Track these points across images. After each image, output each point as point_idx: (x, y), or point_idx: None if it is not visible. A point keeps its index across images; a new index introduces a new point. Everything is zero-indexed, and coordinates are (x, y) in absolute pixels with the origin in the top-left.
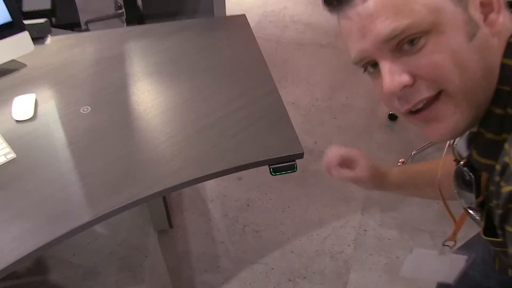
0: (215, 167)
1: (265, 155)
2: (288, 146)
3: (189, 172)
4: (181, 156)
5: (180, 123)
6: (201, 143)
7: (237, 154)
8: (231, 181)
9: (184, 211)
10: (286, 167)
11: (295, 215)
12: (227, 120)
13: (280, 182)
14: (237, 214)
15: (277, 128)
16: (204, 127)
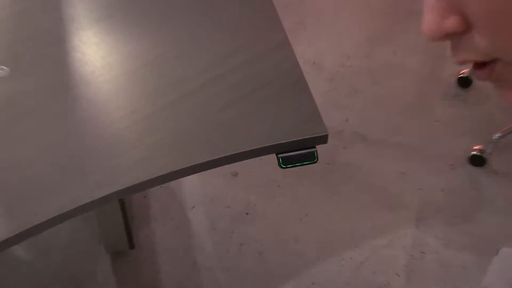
0: (198, 156)
1: (272, 139)
2: (305, 125)
3: (159, 163)
4: (147, 141)
5: (146, 92)
6: (177, 122)
7: (230, 137)
8: (222, 178)
9: (152, 223)
10: (302, 157)
11: (316, 227)
12: (216, 87)
13: (294, 179)
14: (230, 227)
15: (289, 99)
16: (181, 97)
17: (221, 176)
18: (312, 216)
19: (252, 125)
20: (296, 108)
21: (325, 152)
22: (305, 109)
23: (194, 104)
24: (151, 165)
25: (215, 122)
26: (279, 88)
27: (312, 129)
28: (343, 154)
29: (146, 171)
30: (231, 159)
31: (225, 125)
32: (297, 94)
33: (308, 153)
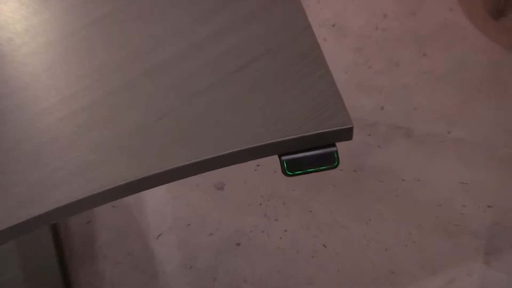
0: (165, 161)
1: (272, 134)
2: (319, 114)
3: (109, 171)
4: (92, 139)
5: (91, 67)
6: (135, 111)
7: (212, 132)
8: (202, 193)
9: (100, 260)
10: (317, 160)
11: (337, 264)
12: (192, 60)
13: (306, 193)
14: (214, 264)
15: (296, 76)
16: (142, 75)
17: (201, 190)
18: (333, 248)
19: (243, 114)
20: (306, 89)
21: (351, 154)
22: (319, 91)
23: (161, 84)
24: (97, 174)
25: (190, 111)
26: (281, 61)
27: (330, 120)
28: (377, 157)
29: (90, 183)
30: (213, 164)
31: (205, 115)
32: (308, 69)
33: (325, 154)
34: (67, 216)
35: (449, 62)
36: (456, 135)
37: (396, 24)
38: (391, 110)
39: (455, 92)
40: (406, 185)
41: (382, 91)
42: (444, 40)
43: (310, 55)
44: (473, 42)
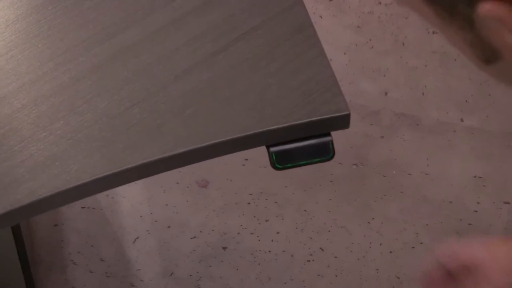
0: (139, 154)
1: (258, 122)
2: (312, 99)
3: (76, 166)
4: (57, 130)
5: (53, 51)
6: (105, 99)
7: (190, 122)
8: (184, 191)
9: (69, 267)
10: (310, 151)
11: (336, 270)
12: (168, 40)
13: (301, 190)
14: (197, 271)
15: (286, 56)
16: (113, 57)
17: (183, 188)
18: (330, 252)
19: (225, 101)
20: (297, 72)
21: (350, 146)
22: (312, 74)
23: (133, 68)
24: (62, 170)
25: (165, 98)
26: (268, 40)
27: (324, 106)
28: (380, 149)
29: (54, 180)
30: (192, 157)
31: (182, 102)
32: (299, 49)
33: (319, 145)
34: (29, 217)
35: None
36: (470, 124)
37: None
38: (396, 96)
39: (468, 74)
40: (413, 180)
41: (386, 75)
42: None
43: (301, 33)
44: None
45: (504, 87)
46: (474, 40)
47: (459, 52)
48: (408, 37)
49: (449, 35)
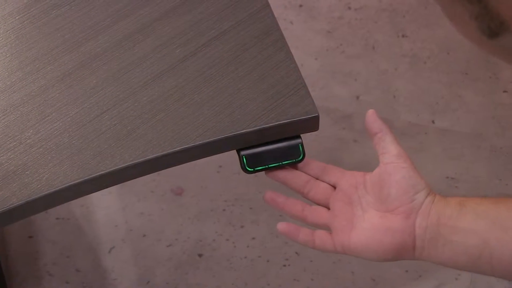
0: (109, 161)
1: (227, 127)
2: (280, 102)
3: (44, 175)
4: (23, 140)
5: (21, 61)
6: (71, 106)
7: (159, 128)
8: (159, 199)
9: (45, 279)
10: (280, 153)
11: (311, 274)
12: (137, 47)
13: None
14: (174, 278)
15: (253, 61)
16: (79, 67)
17: (157, 197)
18: (306, 255)
19: (194, 106)
20: (265, 75)
21: (323, 150)
22: (280, 77)
23: (102, 76)
24: (34, 178)
25: (135, 105)
26: (236, 45)
27: (293, 109)
28: (354, 152)
29: (25, 189)
30: (161, 163)
31: (150, 109)
32: (267, 52)
33: (289, 147)
34: (0, 226)
35: (431, 43)
36: (441, 125)
37: (370, 2)
38: (368, 99)
39: (438, 76)
40: None
41: (357, 79)
42: (425, 19)
43: (268, 37)
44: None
45: (475, 85)
46: (481, 12)
47: (429, 55)
48: (378, 41)
49: (451, 8)
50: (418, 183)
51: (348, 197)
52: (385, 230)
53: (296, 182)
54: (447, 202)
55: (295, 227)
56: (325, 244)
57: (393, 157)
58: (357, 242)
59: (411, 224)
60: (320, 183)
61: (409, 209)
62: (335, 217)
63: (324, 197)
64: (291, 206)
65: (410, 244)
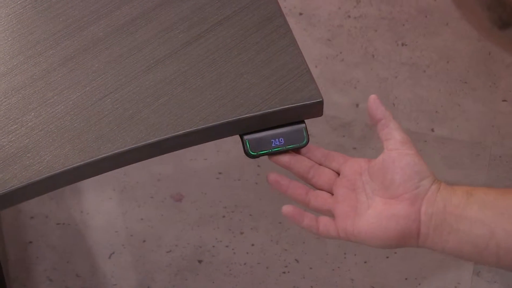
0: (111, 144)
1: (231, 111)
2: (284, 87)
3: (46, 157)
4: (24, 122)
5: (22, 45)
6: (73, 90)
7: (162, 111)
8: (158, 205)
9: (45, 283)
10: (284, 137)
11: (313, 278)
12: (140, 31)
13: (276, 201)
14: (174, 285)
15: (257, 46)
16: (81, 51)
17: (157, 203)
18: (305, 263)
19: (197, 90)
20: (269, 60)
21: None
22: (284, 62)
23: (104, 60)
24: (35, 160)
25: (137, 89)
26: (239, 30)
27: (297, 94)
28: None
29: (26, 171)
30: (164, 147)
31: (153, 92)
32: (270, 38)
33: (293, 131)
34: (1, 209)
35: (430, 51)
36: (440, 133)
37: (370, 10)
38: (367, 107)
39: (437, 85)
40: None
41: (357, 86)
42: (424, 27)
43: (271, 23)
44: (457, 29)
45: (474, 94)
46: (493, 3)
47: (428, 63)
48: (378, 49)
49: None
50: (423, 170)
51: (352, 183)
52: (390, 217)
53: (300, 167)
54: (453, 191)
55: (300, 211)
56: (328, 230)
57: (398, 144)
58: (361, 228)
59: (416, 211)
60: (323, 169)
61: (414, 195)
62: (338, 203)
63: (327, 183)
64: (295, 190)
65: (414, 230)
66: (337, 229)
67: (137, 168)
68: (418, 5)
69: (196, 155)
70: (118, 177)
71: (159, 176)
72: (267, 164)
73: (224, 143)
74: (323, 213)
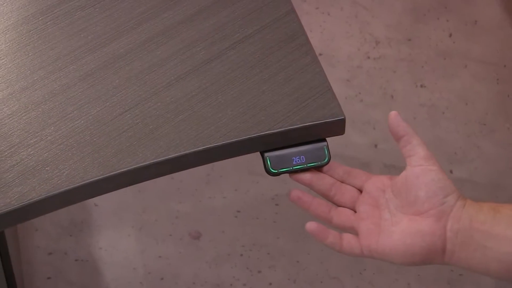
0: (130, 159)
1: (252, 128)
2: (306, 104)
3: (64, 171)
4: (44, 136)
5: (44, 60)
6: (93, 105)
7: (182, 127)
8: (176, 243)
9: None
10: (305, 155)
11: None
12: (160, 48)
13: (294, 241)
14: None
15: (281, 65)
16: (102, 67)
17: (175, 240)
18: None
19: (218, 107)
20: (291, 78)
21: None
22: (306, 80)
23: (125, 76)
24: (54, 174)
25: (158, 104)
26: (261, 48)
27: (319, 111)
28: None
29: (46, 183)
30: (184, 163)
31: (174, 108)
32: (292, 56)
33: (315, 149)
34: (19, 222)
35: (449, 93)
36: (459, 175)
37: (389, 52)
38: (385, 148)
39: (456, 126)
40: None
41: (375, 127)
42: (443, 69)
43: (294, 41)
44: (475, 71)
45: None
46: None
47: (447, 105)
48: (397, 90)
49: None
50: (447, 185)
51: (375, 200)
52: (415, 233)
53: (322, 185)
54: (480, 207)
55: (324, 228)
56: (352, 248)
57: (421, 160)
58: (385, 245)
59: (442, 227)
60: (346, 186)
61: (440, 212)
62: (362, 220)
63: (350, 201)
64: (317, 206)
65: (440, 247)
66: (361, 247)
67: (156, 205)
68: (437, 47)
69: (214, 193)
70: (137, 214)
71: (177, 213)
72: (285, 203)
73: (243, 182)
74: (345, 230)
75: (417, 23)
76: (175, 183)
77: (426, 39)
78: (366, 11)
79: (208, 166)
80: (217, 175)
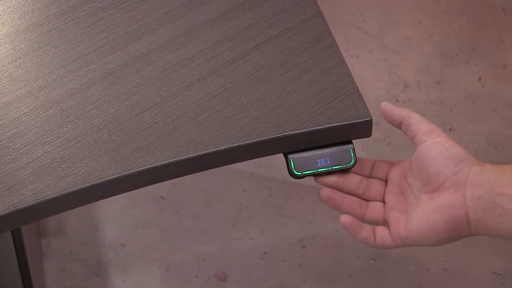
0: (149, 157)
1: (275, 128)
2: (332, 105)
3: (81, 169)
4: (61, 134)
5: (63, 59)
6: (112, 103)
7: (203, 127)
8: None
9: None
10: (330, 157)
11: None
12: (183, 49)
13: (319, 282)
14: None
15: (307, 65)
16: (122, 66)
17: (201, 282)
18: None
19: (241, 107)
20: (317, 79)
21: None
22: (332, 81)
23: (146, 76)
24: (70, 171)
25: (178, 104)
26: (286, 49)
27: (345, 112)
28: None
29: (61, 182)
30: (205, 162)
31: (195, 108)
32: (318, 57)
33: (340, 151)
34: (33, 220)
35: (478, 137)
36: None
37: (418, 95)
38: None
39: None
40: (431, 275)
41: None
42: (472, 112)
43: (320, 43)
44: (505, 115)
45: None
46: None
47: (476, 149)
48: None
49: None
50: (457, 153)
51: (399, 187)
52: (435, 210)
53: (349, 185)
54: (501, 171)
55: (358, 222)
56: (385, 240)
57: (424, 136)
58: (412, 229)
59: (460, 197)
60: (372, 181)
61: (455, 182)
62: (390, 209)
63: (378, 194)
64: (349, 204)
65: (462, 218)
66: (392, 237)
67: (182, 246)
68: (466, 90)
69: (241, 234)
70: (163, 255)
71: (203, 255)
72: (312, 245)
73: (270, 224)
74: (378, 224)
75: (446, 67)
76: (202, 224)
77: (455, 82)
78: (395, 54)
79: (235, 207)
80: (245, 217)
